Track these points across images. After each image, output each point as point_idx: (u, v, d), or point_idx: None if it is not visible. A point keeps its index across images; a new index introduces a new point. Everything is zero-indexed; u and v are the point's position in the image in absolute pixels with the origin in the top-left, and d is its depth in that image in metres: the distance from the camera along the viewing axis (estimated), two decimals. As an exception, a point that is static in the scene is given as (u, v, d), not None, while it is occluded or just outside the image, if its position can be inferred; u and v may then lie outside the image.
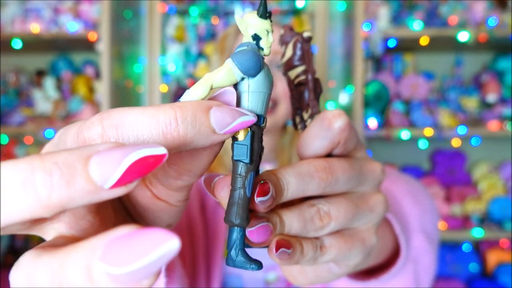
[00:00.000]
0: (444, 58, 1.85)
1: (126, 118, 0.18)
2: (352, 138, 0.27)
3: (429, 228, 0.53)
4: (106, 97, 1.52)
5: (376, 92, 1.69)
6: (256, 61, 0.22)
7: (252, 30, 0.22)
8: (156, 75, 1.73)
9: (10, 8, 1.75)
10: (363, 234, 0.28)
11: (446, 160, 1.80)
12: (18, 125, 1.77)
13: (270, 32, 0.22)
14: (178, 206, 0.24)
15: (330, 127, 0.25)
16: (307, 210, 0.25)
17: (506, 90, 1.74)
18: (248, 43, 0.22)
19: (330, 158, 0.26)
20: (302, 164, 0.25)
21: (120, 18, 1.60)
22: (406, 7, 1.68)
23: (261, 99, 0.22)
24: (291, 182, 0.24)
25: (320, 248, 0.26)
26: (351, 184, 0.27)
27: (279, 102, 0.72)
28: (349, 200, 0.27)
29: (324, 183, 0.25)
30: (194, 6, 1.72)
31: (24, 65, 1.95)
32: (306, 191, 0.24)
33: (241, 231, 0.23)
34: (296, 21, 1.70)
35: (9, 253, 1.85)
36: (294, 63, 0.29)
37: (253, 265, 0.23)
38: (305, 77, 0.29)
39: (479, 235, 1.60)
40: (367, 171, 0.28)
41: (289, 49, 0.30)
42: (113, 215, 0.22)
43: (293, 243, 0.24)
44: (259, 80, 0.22)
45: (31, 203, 0.15)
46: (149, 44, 1.72)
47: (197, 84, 0.21)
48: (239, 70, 0.21)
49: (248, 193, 0.22)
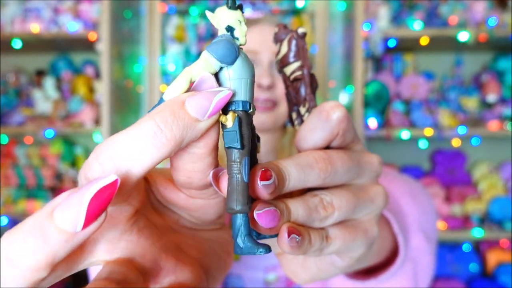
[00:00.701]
0: (444, 58, 1.85)
1: (116, 147, 0.19)
2: (350, 129, 0.27)
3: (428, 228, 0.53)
4: (106, 97, 1.52)
5: (376, 92, 1.69)
6: (230, 48, 0.22)
7: (224, 22, 0.22)
8: (156, 75, 1.73)
9: (10, 8, 1.75)
10: (365, 225, 0.28)
11: (446, 160, 1.80)
12: (18, 125, 1.77)
13: (243, 22, 0.22)
14: (214, 199, 0.25)
15: (328, 118, 0.25)
16: (311, 200, 0.25)
17: (506, 90, 1.74)
18: (222, 35, 0.23)
19: (329, 150, 0.26)
20: (302, 156, 0.25)
21: (120, 18, 1.60)
22: (406, 7, 1.68)
23: (243, 85, 0.23)
24: (292, 172, 0.24)
25: (325, 238, 0.26)
26: (350, 176, 0.27)
27: (279, 102, 0.73)
28: (350, 191, 0.27)
29: (324, 173, 0.25)
30: (194, 6, 1.72)
31: (24, 65, 1.95)
32: (306, 182, 0.25)
33: (244, 217, 0.23)
34: (296, 21, 1.70)
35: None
36: (289, 59, 0.30)
37: (261, 249, 0.22)
38: (301, 72, 0.29)
39: (479, 235, 1.60)
40: (365, 163, 0.28)
41: (284, 46, 0.30)
42: (152, 226, 0.23)
43: (302, 231, 0.24)
44: (237, 66, 0.22)
45: (26, 272, 0.17)
46: (149, 44, 1.72)
47: (177, 79, 0.22)
48: (215, 59, 0.22)
49: (245, 177, 0.22)
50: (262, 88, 0.71)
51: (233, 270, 0.67)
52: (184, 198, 0.24)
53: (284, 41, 0.30)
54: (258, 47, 0.73)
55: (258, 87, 0.72)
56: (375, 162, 0.29)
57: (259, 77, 0.71)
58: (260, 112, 0.72)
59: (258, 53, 0.73)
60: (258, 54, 0.73)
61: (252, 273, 0.67)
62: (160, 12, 1.71)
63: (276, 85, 0.73)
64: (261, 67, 0.73)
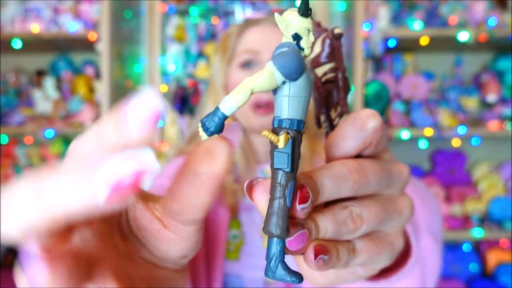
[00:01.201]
0: (444, 58, 1.85)
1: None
2: (383, 139, 0.26)
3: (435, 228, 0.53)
4: (106, 97, 1.52)
5: (376, 92, 1.69)
6: (298, 64, 0.20)
7: (293, 29, 0.21)
8: (156, 75, 1.73)
9: (10, 8, 1.75)
10: (391, 237, 0.28)
11: (446, 160, 1.79)
12: (18, 125, 1.77)
13: (311, 31, 0.21)
14: (187, 239, 0.22)
15: (364, 127, 0.25)
16: (340, 213, 0.24)
17: (506, 90, 1.74)
18: (288, 44, 0.21)
19: (361, 159, 0.25)
20: (336, 166, 0.24)
21: (120, 18, 1.60)
22: (406, 7, 1.68)
23: (301, 103, 0.22)
24: (326, 184, 0.23)
25: (352, 252, 0.25)
26: (380, 186, 0.26)
27: None
28: (379, 202, 0.26)
29: (357, 184, 0.24)
30: (194, 6, 1.72)
31: (24, 65, 1.95)
32: (340, 193, 0.24)
33: (281, 242, 0.22)
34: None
35: (9, 253, 1.85)
36: (322, 60, 0.28)
37: (293, 278, 0.22)
38: (333, 74, 0.28)
39: (479, 235, 1.60)
40: (395, 173, 0.27)
41: (317, 45, 0.29)
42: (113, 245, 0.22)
43: (329, 248, 0.24)
44: (300, 84, 0.21)
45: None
46: (149, 44, 1.72)
47: (237, 89, 0.20)
48: (281, 74, 0.20)
49: (288, 203, 0.21)
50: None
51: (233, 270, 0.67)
52: (157, 229, 0.22)
53: (318, 40, 0.29)
54: (259, 47, 0.73)
55: None
56: (404, 172, 0.28)
57: None
58: (263, 114, 0.71)
59: (259, 53, 0.73)
60: (259, 54, 0.73)
61: (252, 273, 0.67)
62: (160, 12, 1.71)
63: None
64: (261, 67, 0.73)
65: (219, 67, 0.75)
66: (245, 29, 0.75)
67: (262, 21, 0.76)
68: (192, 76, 1.73)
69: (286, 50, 0.21)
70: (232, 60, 0.74)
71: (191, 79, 1.73)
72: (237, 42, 0.74)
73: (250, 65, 0.73)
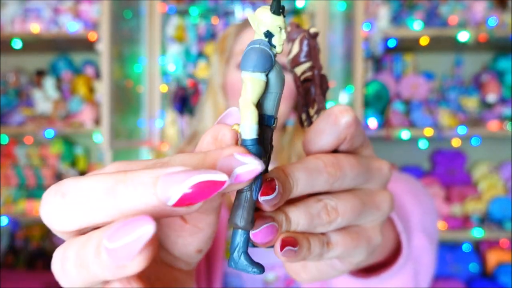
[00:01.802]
0: (444, 58, 1.85)
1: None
2: (358, 134, 0.26)
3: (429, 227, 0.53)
4: (106, 97, 1.52)
5: (376, 92, 1.69)
6: (264, 57, 0.21)
7: (264, 27, 0.21)
8: (156, 75, 1.73)
9: (10, 8, 1.75)
10: (369, 232, 0.28)
11: (446, 160, 1.79)
12: (18, 125, 1.77)
13: (283, 29, 0.21)
14: (205, 230, 0.25)
15: (337, 122, 0.25)
16: (314, 205, 0.24)
17: (506, 90, 1.74)
18: (260, 41, 0.22)
19: (338, 154, 0.26)
20: (310, 160, 0.24)
21: (120, 18, 1.59)
22: (406, 7, 1.68)
23: (272, 99, 0.22)
24: (300, 178, 0.23)
25: (326, 244, 0.26)
26: (358, 181, 0.26)
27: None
28: (356, 196, 0.26)
29: (333, 178, 0.24)
30: (194, 6, 1.72)
31: (24, 65, 1.95)
32: (314, 187, 0.24)
33: (245, 234, 0.22)
34: (296, 21, 1.70)
35: (9, 253, 1.85)
36: (301, 59, 0.29)
37: (255, 269, 0.22)
38: (311, 73, 0.29)
39: (479, 235, 1.60)
40: (374, 168, 0.27)
41: (295, 45, 0.29)
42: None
43: (299, 240, 0.24)
44: (271, 80, 0.22)
45: (110, 207, 0.18)
46: (149, 44, 1.72)
47: (243, 114, 0.21)
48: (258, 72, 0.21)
49: (254, 195, 0.22)
50: None
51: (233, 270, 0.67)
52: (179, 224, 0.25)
53: (296, 40, 0.29)
54: None
55: None
56: (384, 168, 0.28)
57: None
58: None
59: None
60: None
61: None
62: (160, 12, 1.71)
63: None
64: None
65: (217, 68, 0.76)
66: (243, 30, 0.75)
67: None
68: (192, 76, 1.73)
69: (253, 46, 0.21)
70: (230, 60, 0.74)
71: (191, 79, 1.73)
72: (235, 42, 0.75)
73: None
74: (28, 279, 1.63)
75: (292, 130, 0.77)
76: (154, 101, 1.73)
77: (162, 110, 1.74)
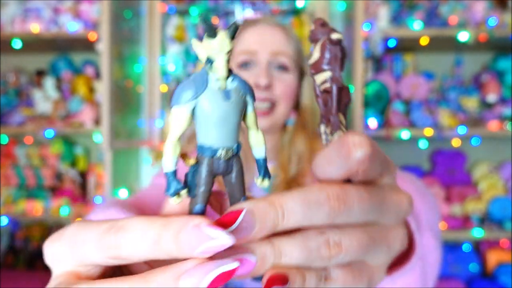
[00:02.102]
0: (444, 58, 1.85)
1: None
2: (374, 168, 0.24)
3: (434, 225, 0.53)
4: (106, 97, 1.52)
5: (376, 92, 1.69)
6: (182, 92, 0.21)
7: (203, 54, 0.21)
8: (156, 75, 1.73)
9: (10, 8, 1.75)
10: (373, 270, 0.26)
11: (446, 160, 1.79)
12: (18, 125, 1.77)
13: (226, 47, 0.21)
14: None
15: (349, 156, 0.22)
16: (314, 238, 0.23)
17: (506, 90, 1.74)
18: (195, 73, 0.21)
19: (347, 185, 0.23)
20: (313, 190, 0.22)
21: (120, 18, 1.59)
22: (406, 7, 1.68)
23: (210, 125, 0.21)
24: (295, 210, 0.22)
25: (324, 278, 0.24)
26: (368, 216, 0.24)
27: (278, 102, 0.74)
28: (365, 232, 0.24)
29: (335, 213, 0.22)
30: (194, 6, 1.72)
31: (24, 65, 1.95)
32: (312, 221, 0.22)
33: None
34: (296, 21, 1.70)
35: (9, 253, 1.85)
36: (321, 67, 0.26)
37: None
38: (329, 85, 0.26)
39: (479, 235, 1.60)
40: (391, 202, 0.25)
41: (316, 50, 0.26)
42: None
43: (291, 277, 0.22)
44: (203, 106, 0.21)
45: None
46: (149, 44, 1.72)
47: (164, 150, 0.22)
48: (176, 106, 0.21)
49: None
50: (260, 88, 0.72)
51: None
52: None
53: (318, 44, 0.27)
54: (256, 47, 0.74)
55: (256, 87, 0.72)
56: (403, 202, 0.26)
57: (257, 77, 0.72)
58: (258, 116, 0.72)
59: (256, 54, 0.74)
60: (256, 55, 0.74)
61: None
62: (160, 12, 1.71)
63: (274, 85, 0.73)
64: (259, 67, 0.73)
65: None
66: (243, 30, 0.76)
67: (258, 22, 0.77)
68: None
69: (183, 83, 0.21)
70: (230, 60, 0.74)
71: (191, 79, 1.73)
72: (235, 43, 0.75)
73: (247, 65, 0.74)
74: (28, 279, 1.63)
75: (292, 130, 0.77)
76: (154, 101, 1.73)
77: (162, 110, 1.74)
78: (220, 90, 0.21)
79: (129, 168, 1.78)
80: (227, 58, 0.21)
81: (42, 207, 1.72)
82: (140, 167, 1.85)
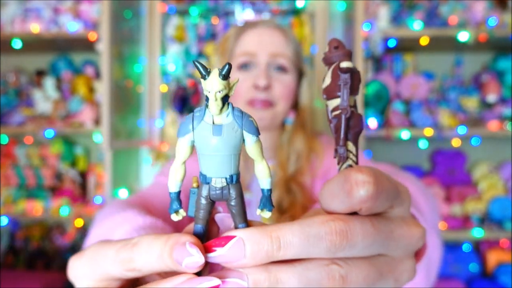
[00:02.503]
0: (444, 58, 1.85)
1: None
2: (379, 204, 0.23)
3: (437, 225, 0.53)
4: (106, 97, 1.52)
5: (376, 92, 1.69)
6: (181, 127, 0.23)
7: (205, 92, 0.22)
8: (156, 75, 1.73)
9: (10, 8, 1.75)
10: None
11: (446, 160, 1.79)
12: (18, 125, 1.77)
13: (212, 90, 0.21)
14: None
15: (351, 195, 0.22)
16: (316, 269, 0.22)
17: (506, 90, 1.74)
18: (196, 109, 0.23)
19: (352, 218, 0.23)
20: (314, 223, 0.22)
21: (120, 18, 1.59)
22: (406, 7, 1.68)
23: (204, 159, 0.23)
24: (293, 243, 0.21)
25: None
26: (374, 249, 0.23)
27: (276, 103, 0.75)
28: (373, 265, 0.23)
29: (336, 248, 0.22)
30: (194, 6, 1.72)
31: (24, 65, 1.95)
32: (311, 254, 0.22)
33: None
34: (296, 21, 1.70)
35: (9, 253, 1.85)
36: (332, 93, 0.25)
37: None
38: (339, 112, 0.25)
39: (479, 235, 1.60)
40: (400, 236, 0.24)
41: (328, 76, 0.26)
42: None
43: None
44: (196, 141, 0.23)
45: None
46: (149, 44, 1.72)
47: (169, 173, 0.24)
48: (180, 137, 0.23)
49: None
50: (259, 89, 0.73)
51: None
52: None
53: (330, 69, 0.26)
54: (255, 49, 0.75)
55: (255, 88, 0.74)
56: (414, 236, 0.25)
57: (256, 78, 0.73)
58: (258, 108, 0.74)
59: (256, 55, 0.75)
60: (256, 56, 0.75)
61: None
62: (160, 12, 1.71)
63: (273, 86, 0.75)
64: (258, 68, 0.75)
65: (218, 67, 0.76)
66: (243, 32, 0.77)
67: (259, 24, 0.78)
68: (192, 76, 1.73)
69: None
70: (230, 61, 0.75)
71: (191, 79, 1.73)
72: (235, 44, 0.77)
73: (247, 66, 0.75)
74: (28, 279, 1.63)
75: (291, 129, 0.78)
76: (154, 101, 1.73)
77: (162, 110, 1.74)
78: (212, 125, 0.22)
79: (129, 168, 1.78)
80: (221, 96, 0.22)
81: (42, 207, 1.72)
82: (140, 167, 1.85)
